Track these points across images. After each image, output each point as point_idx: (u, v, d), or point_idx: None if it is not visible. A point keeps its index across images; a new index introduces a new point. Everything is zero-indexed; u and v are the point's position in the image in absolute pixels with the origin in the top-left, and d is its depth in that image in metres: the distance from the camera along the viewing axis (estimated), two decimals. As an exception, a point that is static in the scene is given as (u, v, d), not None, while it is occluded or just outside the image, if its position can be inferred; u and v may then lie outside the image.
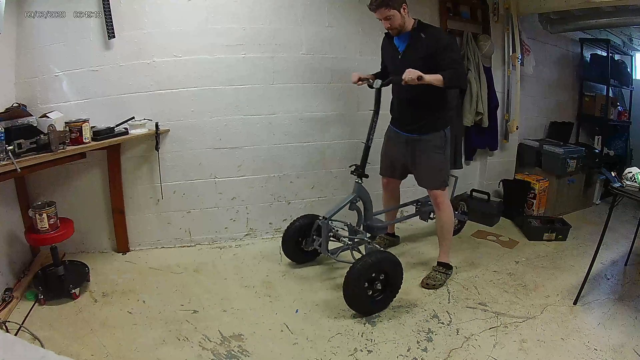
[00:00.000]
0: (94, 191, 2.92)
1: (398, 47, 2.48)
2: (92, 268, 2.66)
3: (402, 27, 2.39)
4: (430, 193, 2.66)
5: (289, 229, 2.79)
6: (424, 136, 2.55)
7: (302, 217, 2.84)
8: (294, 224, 2.79)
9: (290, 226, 2.79)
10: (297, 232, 2.78)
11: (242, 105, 3.05)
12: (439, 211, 2.65)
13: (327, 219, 2.59)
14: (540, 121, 4.41)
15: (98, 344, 2.07)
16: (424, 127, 2.53)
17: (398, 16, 2.33)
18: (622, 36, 4.76)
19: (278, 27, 3.02)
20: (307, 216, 2.84)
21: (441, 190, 2.61)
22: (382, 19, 2.37)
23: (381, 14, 2.33)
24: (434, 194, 2.62)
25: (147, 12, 2.76)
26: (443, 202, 2.63)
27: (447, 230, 2.69)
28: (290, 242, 2.80)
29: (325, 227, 2.59)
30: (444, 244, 2.73)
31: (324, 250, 2.64)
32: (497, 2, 3.66)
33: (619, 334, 2.21)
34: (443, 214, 2.65)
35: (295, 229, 2.77)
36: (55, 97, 2.72)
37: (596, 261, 2.49)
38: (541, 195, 3.82)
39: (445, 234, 2.70)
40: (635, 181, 2.31)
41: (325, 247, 2.63)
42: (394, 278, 2.39)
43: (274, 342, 2.14)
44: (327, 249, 2.64)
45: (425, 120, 2.53)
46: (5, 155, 1.99)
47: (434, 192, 2.62)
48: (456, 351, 2.09)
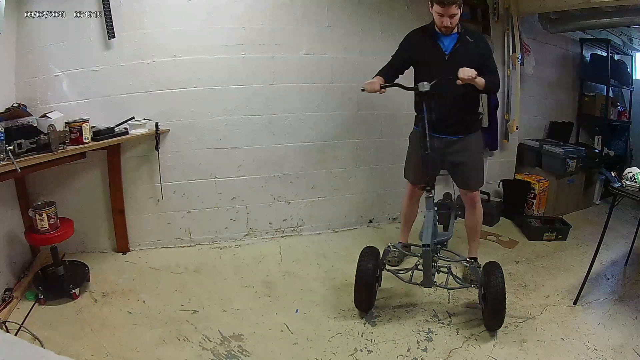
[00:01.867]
0: (94, 191, 2.92)
1: (443, 47, 2.41)
2: (92, 268, 2.66)
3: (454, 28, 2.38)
4: (468, 193, 2.63)
5: (364, 272, 2.24)
6: (468, 137, 2.53)
7: (366, 256, 2.30)
8: (367, 266, 2.25)
9: (365, 269, 2.25)
10: (373, 272, 2.27)
11: (242, 105, 3.05)
12: (474, 210, 2.68)
13: (430, 245, 2.17)
14: (540, 121, 4.40)
15: (98, 344, 2.07)
16: (468, 127, 2.53)
17: (459, 16, 2.32)
18: (622, 36, 4.76)
19: (278, 27, 3.02)
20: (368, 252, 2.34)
21: (478, 191, 2.66)
22: (445, 16, 2.28)
23: (451, 11, 2.26)
24: (474, 194, 2.63)
25: (147, 12, 2.76)
26: (479, 201, 2.68)
27: (479, 227, 2.79)
28: (370, 287, 2.28)
29: (430, 256, 2.19)
30: (475, 240, 2.78)
31: (429, 283, 2.25)
32: (497, 2, 3.66)
33: (619, 334, 2.21)
34: (479, 212, 2.70)
35: (370, 272, 2.25)
36: (55, 97, 2.72)
37: (596, 261, 2.49)
38: (541, 195, 3.82)
39: (478, 232, 2.78)
40: (635, 181, 2.31)
41: (430, 279, 2.24)
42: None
43: (274, 342, 2.14)
44: (433, 281, 2.27)
45: (468, 120, 2.53)
46: (5, 155, 2.00)
47: (473, 192, 2.63)
48: (456, 351, 2.09)
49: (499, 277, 2.11)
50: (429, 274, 2.23)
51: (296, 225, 3.40)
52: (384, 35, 3.27)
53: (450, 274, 2.34)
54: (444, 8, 2.25)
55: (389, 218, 3.66)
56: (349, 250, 3.12)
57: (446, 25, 2.31)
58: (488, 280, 2.13)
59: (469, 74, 2.18)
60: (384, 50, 3.28)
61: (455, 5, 2.25)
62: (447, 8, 2.25)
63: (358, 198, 3.51)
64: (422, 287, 2.30)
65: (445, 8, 2.25)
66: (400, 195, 3.10)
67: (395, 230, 3.30)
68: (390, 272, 2.44)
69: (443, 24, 2.31)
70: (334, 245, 3.24)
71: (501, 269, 2.18)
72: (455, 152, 2.54)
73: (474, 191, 2.63)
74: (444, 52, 2.41)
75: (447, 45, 2.41)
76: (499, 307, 2.11)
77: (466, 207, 2.71)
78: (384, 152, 3.48)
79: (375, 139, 3.44)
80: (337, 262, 2.96)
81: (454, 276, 2.35)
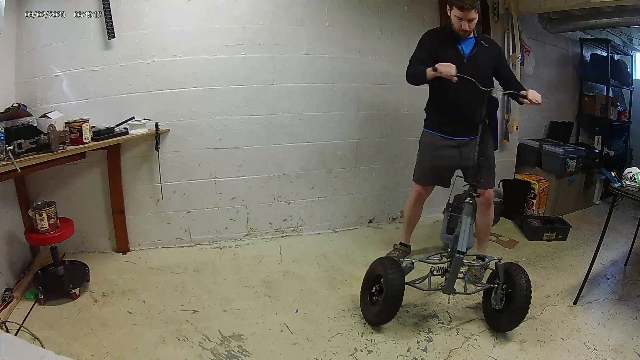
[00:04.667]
0: (94, 191, 2.92)
1: (462, 50, 2.44)
2: (92, 268, 2.66)
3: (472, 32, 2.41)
4: (484, 193, 2.61)
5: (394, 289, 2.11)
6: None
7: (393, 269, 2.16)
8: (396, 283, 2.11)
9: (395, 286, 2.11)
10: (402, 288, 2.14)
11: (242, 105, 3.05)
12: (488, 210, 2.69)
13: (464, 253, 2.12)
14: (540, 121, 4.40)
15: (98, 344, 2.06)
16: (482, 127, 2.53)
17: (476, 20, 2.34)
18: (622, 36, 4.76)
19: (278, 27, 3.02)
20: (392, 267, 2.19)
21: (492, 190, 2.68)
22: (464, 20, 2.31)
23: (470, 15, 2.29)
24: (489, 193, 2.64)
25: (147, 12, 2.76)
26: (493, 202, 2.70)
27: (490, 228, 2.84)
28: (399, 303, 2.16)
29: (461, 263, 2.15)
30: (486, 238, 2.82)
31: (450, 289, 2.18)
32: (497, 2, 3.66)
33: (619, 334, 2.21)
34: (492, 212, 2.73)
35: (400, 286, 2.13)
36: (55, 97, 2.71)
37: (596, 261, 2.49)
38: (541, 195, 3.82)
39: (489, 232, 2.83)
40: (635, 181, 2.31)
41: (452, 285, 2.17)
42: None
43: (274, 342, 2.14)
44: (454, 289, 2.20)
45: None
46: (5, 155, 1.99)
47: (488, 191, 2.64)
48: (456, 351, 2.09)
49: (526, 279, 2.10)
50: (454, 281, 2.16)
51: (296, 225, 3.40)
52: (384, 35, 3.27)
53: (467, 279, 2.29)
54: (464, 12, 2.28)
55: (389, 218, 3.66)
56: (349, 250, 3.13)
57: (465, 29, 2.34)
58: (514, 280, 2.12)
59: (538, 99, 2.30)
60: (384, 50, 3.31)
61: (475, 9, 2.28)
62: (466, 12, 2.28)
63: (358, 198, 3.51)
64: (443, 293, 2.25)
65: (465, 12, 2.28)
66: (400, 195, 3.11)
67: (396, 230, 3.30)
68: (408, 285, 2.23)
69: (462, 28, 2.34)
70: (334, 245, 3.24)
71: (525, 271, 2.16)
72: (469, 153, 2.49)
73: (488, 190, 2.64)
74: (463, 55, 2.44)
75: (466, 49, 2.45)
76: (524, 309, 2.10)
77: (480, 207, 2.66)
78: (384, 152, 3.48)
79: (375, 139, 3.44)
80: (337, 262, 2.96)
81: (472, 280, 2.35)
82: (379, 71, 3.33)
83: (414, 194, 2.79)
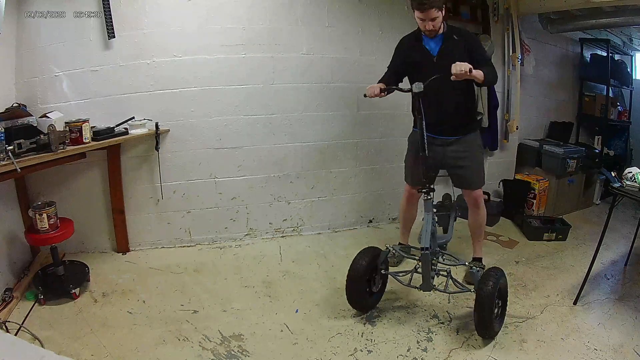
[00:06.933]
0: (94, 191, 2.92)
1: (430, 49, 2.42)
2: (92, 268, 2.66)
3: (439, 29, 2.36)
4: (471, 193, 2.62)
5: (356, 268, 2.26)
6: (466, 136, 2.52)
7: (363, 253, 2.33)
8: (360, 263, 2.27)
9: (356, 266, 2.27)
10: (365, 270, 2.27)
11: (242, 105, 3.05)
12: (478, 210, 2.67)
13: (429, 249, 2.17)
14: (540, 121, 4.40)
15: (98, 344, 2.07)
16: (466, 127, 2.53)
17: (441, 18, 2.30)
18: (622, 36, 4.76)
19: (278, 27, 3.02)
20: (366, 251, 2.35)
21: (480, 190, 2.65)
22: (427, 20, 2.27)
23: (430, 14, 2.25)
24: (476, 193, 2.62)
25: (147, 12, 2.76)
26: (482, 201, 2.67)
27: (483, 227, 2.78)
28: (360, 284, 2.27)
29: (429, 260, 2.18)
30: (480, 240, 2.79)
31: (427, 286, 2.22)
32: (497, 2, 3.66)
33: (619, 334, 2.21)
34: (482, 212, 2.70)
35: (363, 268, 2.26)
36: (55, 97, 2.72)
37: (596, 261, 2.49)
38: (541, 195, 3.82)
39: (482, 231, 2.77)
40: (635, 181, 2.31)
41: (428, 282, 2.21)
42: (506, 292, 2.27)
43: (274, 342, 2.14)
44: (432, 285, 2.24)
45: (465, 120, 2.52)
46: (5, 155, 2.00)
47: (476, 191, 2.62)
48: (456, 351, 2.09)
49: (491, 286, 2.03)
50: (428, 277, 2.20)
51: (296, 225, 3.40)
52: (384, 35, 3.27)
53: (450, 278, 2.29)
54: (424, 12, 2.25)
55: (389, 218, 3.66)
56: (349, 250, 3.12)
57: (429, 29, 2.32)
58: (482, 286, 2.06)
59: (462, 68, 2.11)
60: (384, 50, 3.30)
61: (435, 8, 2.23)
62: (427, 12, 2.25)
63: (358, 198, 3.51)
64: (421, 290, 2.27)
65: (425, 12, 2.25)
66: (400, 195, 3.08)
67: (396, 230, 3.29)
68: (390, 275, 2.42)
69: (426, 28, 2.32)
70: (334, 245, 3.24)
71: (500, 277, 2.12)
72: (454, 152, 2.53)
73: (476, 190, 2.63)
74: (432, 54, 2.42)
75: (434, 47, 2.42)
76: (484, 315, 2.05)
77: (469, 207, 2.70)
78: (384, 152, 3.48)
79: (375, 139, 3.44)
80: (337, 262, 2.95)
81: (453, 280, 2.31)
82: (379, 71, 3.31)
83: (405, 194, 2.81)
